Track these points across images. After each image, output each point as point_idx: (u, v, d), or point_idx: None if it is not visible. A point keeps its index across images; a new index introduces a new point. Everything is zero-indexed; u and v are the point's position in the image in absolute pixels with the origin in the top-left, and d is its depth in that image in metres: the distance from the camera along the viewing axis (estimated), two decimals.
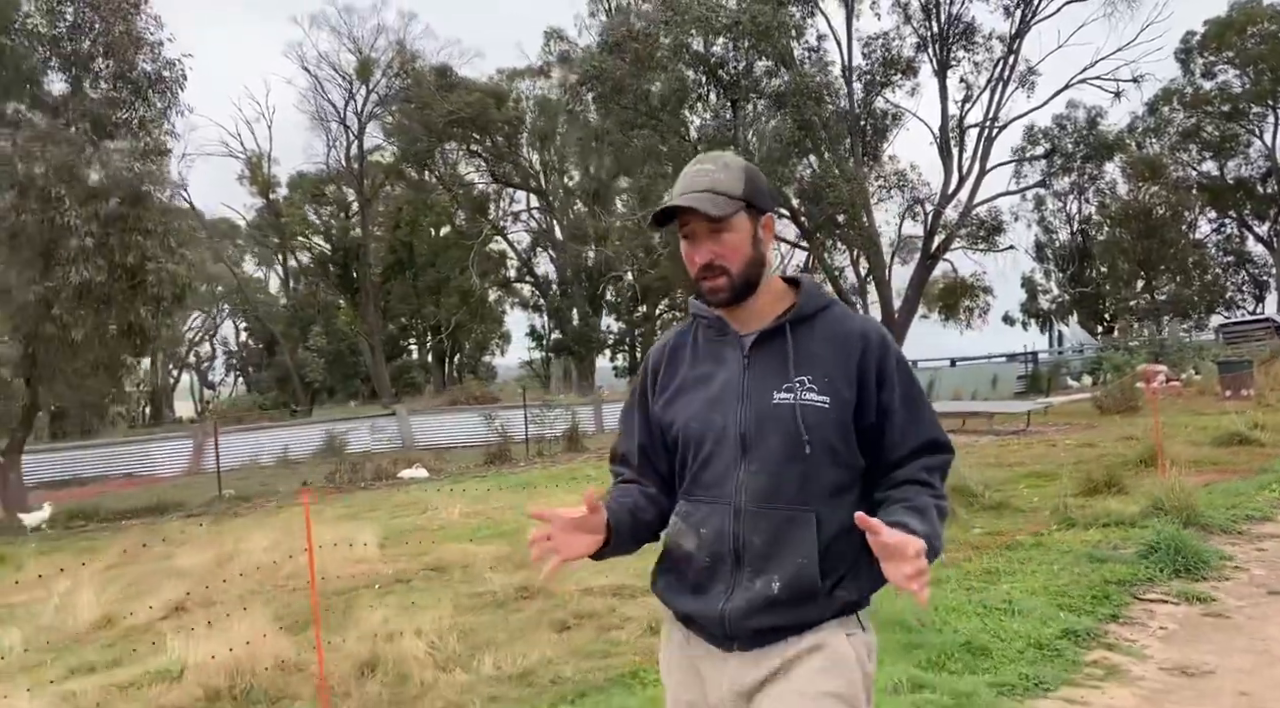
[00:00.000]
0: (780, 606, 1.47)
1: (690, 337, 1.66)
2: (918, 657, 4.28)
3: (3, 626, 5.83)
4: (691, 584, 1.55)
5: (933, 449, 1.55)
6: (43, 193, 10.48)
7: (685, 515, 1.58)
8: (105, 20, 11.48)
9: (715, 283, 1.52)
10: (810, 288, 1.61)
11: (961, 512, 7.47)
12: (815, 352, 1.53)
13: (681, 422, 1.59)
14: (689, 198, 1.48)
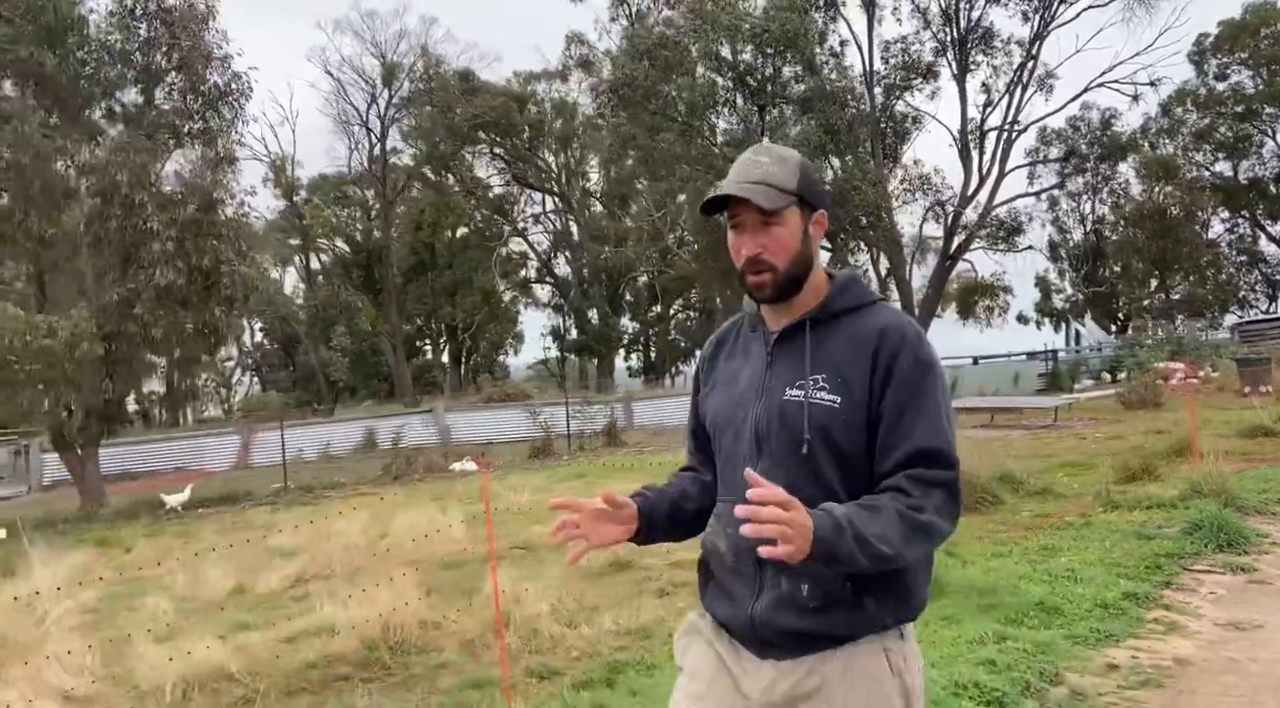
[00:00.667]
0: (810, 611, 1.43)
1: (735, 330, 1.67)
2: (996, 615, 4.81)
3: (149, 595, 6.41)
4: (724, 588, 1.54)
5: (926, 460, 1.42)
6: (126, 200, 11.10)
7: (717, 516, 1.58)
8: (176, 35, 12.09)
9: (760, 278, 1.49)
10: (843, 285, 1.56)
11: (1009, 497, 8.02)
12: (833, 350, 1.50)
13: (711, 416, 1.61)
14: (742, 188, 1.46)
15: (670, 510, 1.62)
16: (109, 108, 12.60)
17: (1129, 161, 36.24)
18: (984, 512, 7.59)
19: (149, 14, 12.36)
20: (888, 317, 1.52)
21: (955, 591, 5.30)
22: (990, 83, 25.36)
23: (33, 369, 10.44)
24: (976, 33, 25.15)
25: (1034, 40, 24.92)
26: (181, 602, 6.41)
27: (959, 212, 24.99)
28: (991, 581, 5.37)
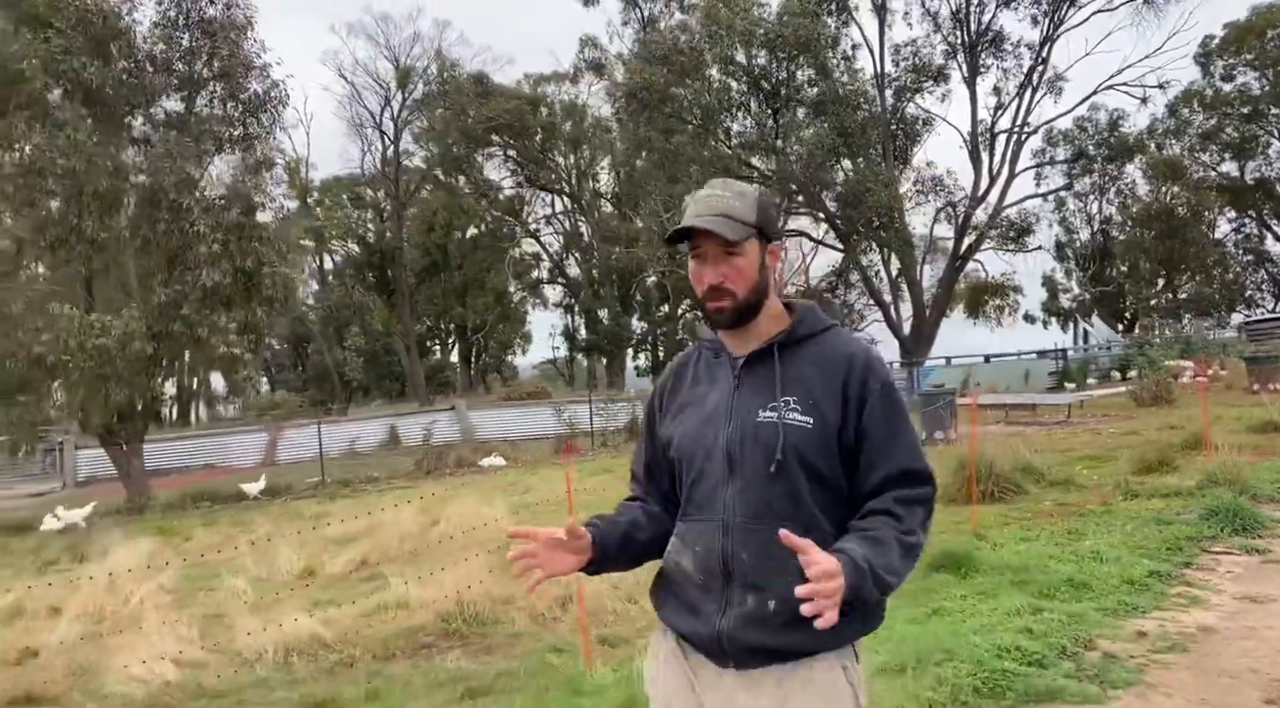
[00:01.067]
0: (774, 626, 1.47)
1: (695, 359, 1.72)
2: (1029, 590, 5.18)
3: (223, 577, 6.81)
4: (688, 604, 1.57)
5: (908, 479, 1.52)
6: (173, 205, 11.52)
7: (682, 535, 1.61)
8: (217, 45, 12.49)
9: (720, 304, 1.56)
10: (806, 313, 1.63)
11: (1031, 487, 8.38)
12: (802, 373, 1.56)
13: (677, 440, 1.64)
14: (706, 220, 1.52)
15: (621, 541, 1.64)
16: (152, 115, 13.02)
17: (1136, 162, 36.56)
18: (1008, 501, 7.97)
19: (191, 24, 12.79)
20: (852, 344, 1.60)
21: (988, 569, 5.68)
22: (1001, 85, 25.70)
23: (87, 367, 10.89)
24: (986, 36, 25.50)
25: (1043, 43, 25.26)
26: (257, 582, 6.82)
27: (969, 212, 25.33)
28: (1022, 560, 5.75)
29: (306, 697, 4.32)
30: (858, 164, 21.75)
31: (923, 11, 25.47)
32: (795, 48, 19.75)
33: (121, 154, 11.72)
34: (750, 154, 23.11)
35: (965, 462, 8.56)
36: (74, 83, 11.62)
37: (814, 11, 21.25)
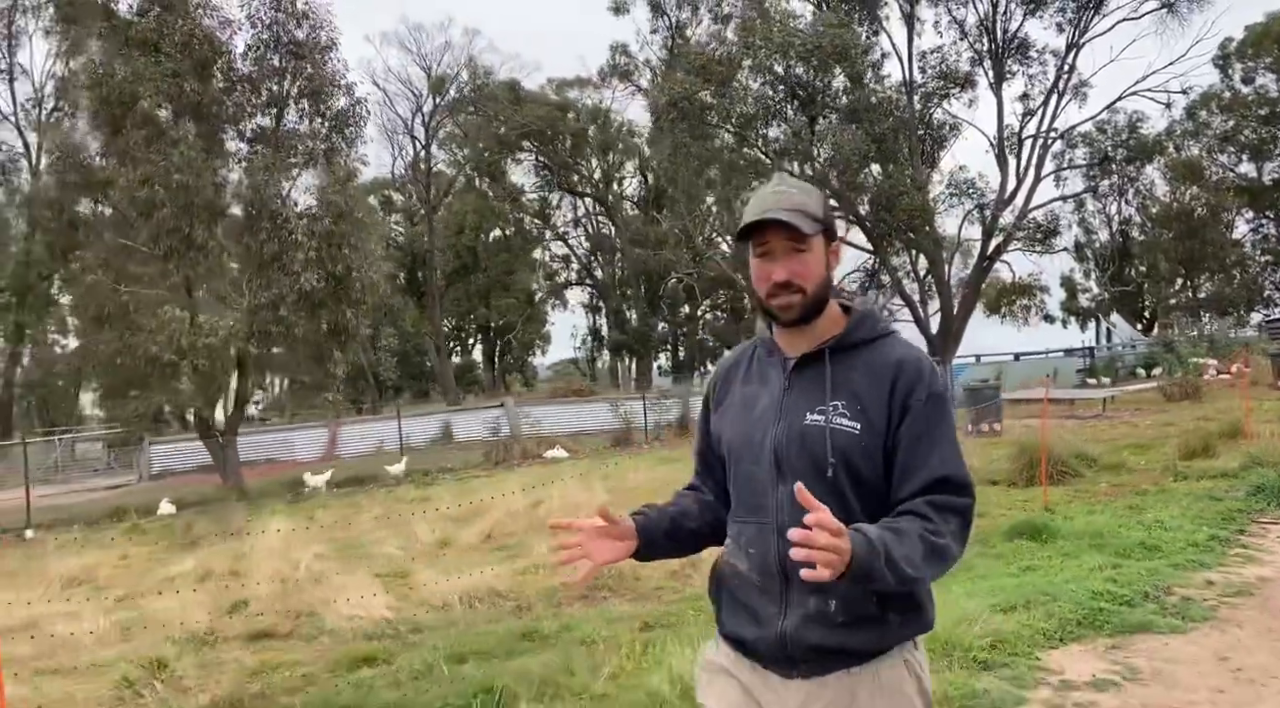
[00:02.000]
0: (839, 625, 1.47)
1: (749, 355, 1.71)
2: (1107, 551, 5.98)
3: (367, 547, 7.68)
4: (748, 608, 1.56)
5: (945, 486, 1.49)
6: (273, 214, 12.41)
7: (735, 536, 1.61)
8: (305, 66, 13.38)
9: (789, 300, 1.54)
10: (863, 317, 1.62)
11: (1086, 471, 9.16)
12: (852, 379, 1.54)
13: (727, 437, 1.64)
14: (783, 214, 1.51)
15: (670, 528, 1.65)
16: (241, 131, 13.92)
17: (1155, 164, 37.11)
18: (1067, 483, 8.74)
19: (281, 46, 13.66)
20: (903, 350, 1.58)
21: (1067, 536, 6.47)
22: (1027, 91, 26.38)
23: (199, 364, 11.78)
24: (1012, 44, 26.19)
25: (1069, 49, 25.92)
26: (403, 550, 7.68)
27: (996, 214, 26.04)
28: (1095, 528, 6.55)
29: (510, 629, 5.16)
30: (889, 169, 22.50)
31: (949, 19, 26.23)
32: (832, 58, 20.53)
33: (225, 168, 12.60)
34: (785, 159, 23.90)
35: (1023, 449, 9.37)
36: (182, 102, 12.54)
37: (845, 22, 22.02)
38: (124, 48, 12.56)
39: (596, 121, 40.42)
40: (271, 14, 13.70)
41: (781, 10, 21.22)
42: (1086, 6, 25.33)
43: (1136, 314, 42.62)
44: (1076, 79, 26.24)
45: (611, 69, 39.28)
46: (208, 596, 6.49)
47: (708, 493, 1.73)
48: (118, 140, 12.63)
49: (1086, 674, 4.10)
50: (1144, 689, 3.93)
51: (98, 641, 5.71)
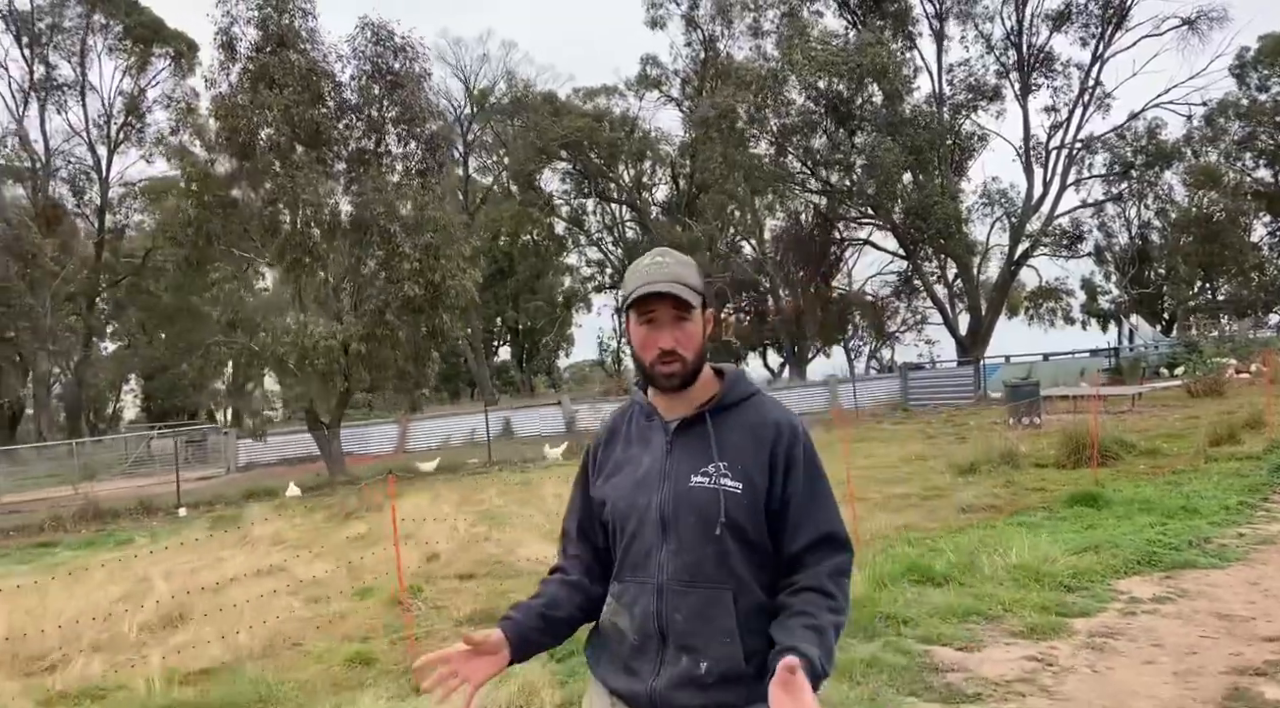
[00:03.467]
0: (707, 687, 1.51)
1: (626, 420, 1.74)
2: (1154, 513, 7.28)
3: (508, 517, 9.04)
4: (624, 663, 1.60)
5: (831, 544, 1.57)
6: (383, 230, 13.85)
7: (618, 596, 1.65)
8: (401, 94, 14.80)
9: (671, 368, 1.59)
10: (734, 379, 1.68)
11: (1125, 456, 10.43)
12: (732, 439, 1.59)
13: (611, 501, 1.66)
14: (666, 285, 1.56)
15: (540, 624, 1.67)
16: (352, 153, 15.30)
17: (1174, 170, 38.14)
18: (1110, 466, 10.02)
19: (382, 76, 15.08)
20: (777, 411, 1.65)
21: (1118, 504, 7.78)
22: (1052, 103, 27.59)
23: (319, 364, 13.23)
24: (1038, 57, 27.40)
25: (1093, 63, 27.11)
26: (549, 517, 9.04)
27: (1023, 221, 27.25)
28: (1141, 497, 7.86)
29: None
30: (922, 179, 23.78)
31: (976, 33, 27.51)
32: (871, 75, 21.84)
33: (339, 188, 14.00)
34: (821, 170, 25.22)
35: (1070, 436, 10.68)
36: (300, 129, 13.96)
37: (882, 40, 23.33)
38: (247, 81, 14.05)
39: (627, 130, 41.83)
40: (373, 48, 15.16)
41: (823, 30, 22.52)
42: (1110, 21, 26.54)
43: (1155, 316, 43.65)
44: (1100, 91, 27.42)
45: (643, 80, 40.74)
46: (407, 552, 7.86)
47: (573, 572, 1.74)
48: (247, 165, 14.14)
49: (1148, 595, 5.43)
50: (1193, 603, 5.25)
51: (334, 578, 7.10)
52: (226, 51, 14.49)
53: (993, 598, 5.44)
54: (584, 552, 1.75)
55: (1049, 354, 25.87)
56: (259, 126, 13.89)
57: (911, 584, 5.78)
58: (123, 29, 30.01)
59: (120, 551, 9.83)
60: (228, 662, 5.40)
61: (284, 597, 6.68)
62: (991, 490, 9.17)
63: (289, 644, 5.67)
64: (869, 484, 10.02)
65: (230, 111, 13.94)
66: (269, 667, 5.22)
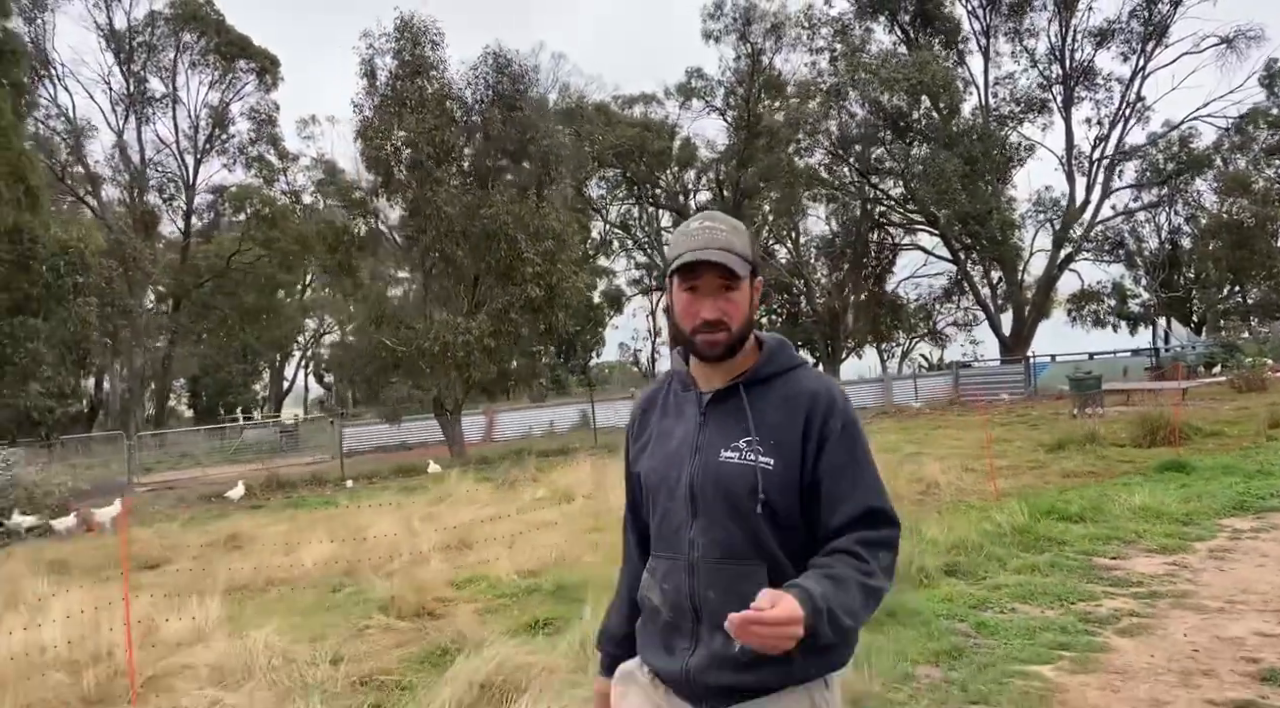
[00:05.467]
0: (743, 667, 1.47)
1: (664, 391, 1.70)
2: (1235, 475, 8.84)
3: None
4: (660, 640, 1.59)
5: (871, 520, 1.49)
6: (510, 239, 15.57)
7: (652, 570, 1.62)
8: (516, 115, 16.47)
9: (715, 337, 1.54)
10: (773, 350, 1.62)
11: (1194, 436, 11.95)
12: (767, 412, 1.54)
13: (645, 474, 1.64)
14: (715, 254, 1.50)
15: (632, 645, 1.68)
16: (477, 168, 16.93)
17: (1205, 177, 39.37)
18: (1181, 444, 11.55)
19: (501, 99, 16.76)
20: (815, 381, 1.59)
21: (1203, 469, 9.33)
22: (1092, 116, 29.04)
23: (458, 357, 14.93)
24: (1081, 72, 28.84)
25: (1133, 77, 28.52)
26: None
27: (1066, 227, 28.69)
28: (1222, 463, 9.41)
29: None
30: (974, 188, 25.30)
31: (1020, 48, 29.00)
32: (931, 90, 23.41)
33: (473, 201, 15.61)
34: (876, 177, 26.78)
35: (1145, 420, 12.21)
36: (436, 148, 15.65)
37: (938, 58, 24.89)
38: (390, 106, 15.78)
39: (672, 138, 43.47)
40: (494, 75, 16.87)
41: (882, 48, 24.10)
42: (1150, 38, 27.96)
43: (1185, 318, 44.90)
44: (1140, 105, 28.82)
45: (687, 89, 42.42)
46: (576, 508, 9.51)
47: (634, 559, 1.74)
48: (390, 180, 15.90)
49: (1247, 527, 6.99)
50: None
51: (565, 520, 8.73)
52: (369, 80, 16.24)
53: (1125, 529, 7.02)
54: (640, 531, 1.73)
55: (1093, 354, 27.30)
56: (400, 147, 15.62)
57: (1055, 521, 7.35)
58: (213, 46, 31.95)
59: (341, 508, 11.56)
60: (534, 568, 7.02)
61: (535, 532, 8.30)
62: (1086, 462, 10.73)
63: (575, 560, 7.28)
64: (973, 460, 11.57)
65: (375, 133, 15.68)
66: (571, 570, 6.82)
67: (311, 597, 6.74)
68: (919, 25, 27.55)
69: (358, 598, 6.51)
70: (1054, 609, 5.27)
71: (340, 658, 4.83)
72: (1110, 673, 4.29)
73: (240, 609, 6.37)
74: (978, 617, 5.19)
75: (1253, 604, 5.10)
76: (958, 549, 6.45)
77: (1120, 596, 5.48)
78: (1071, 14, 27.72)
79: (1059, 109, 29.11)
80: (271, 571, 7.63)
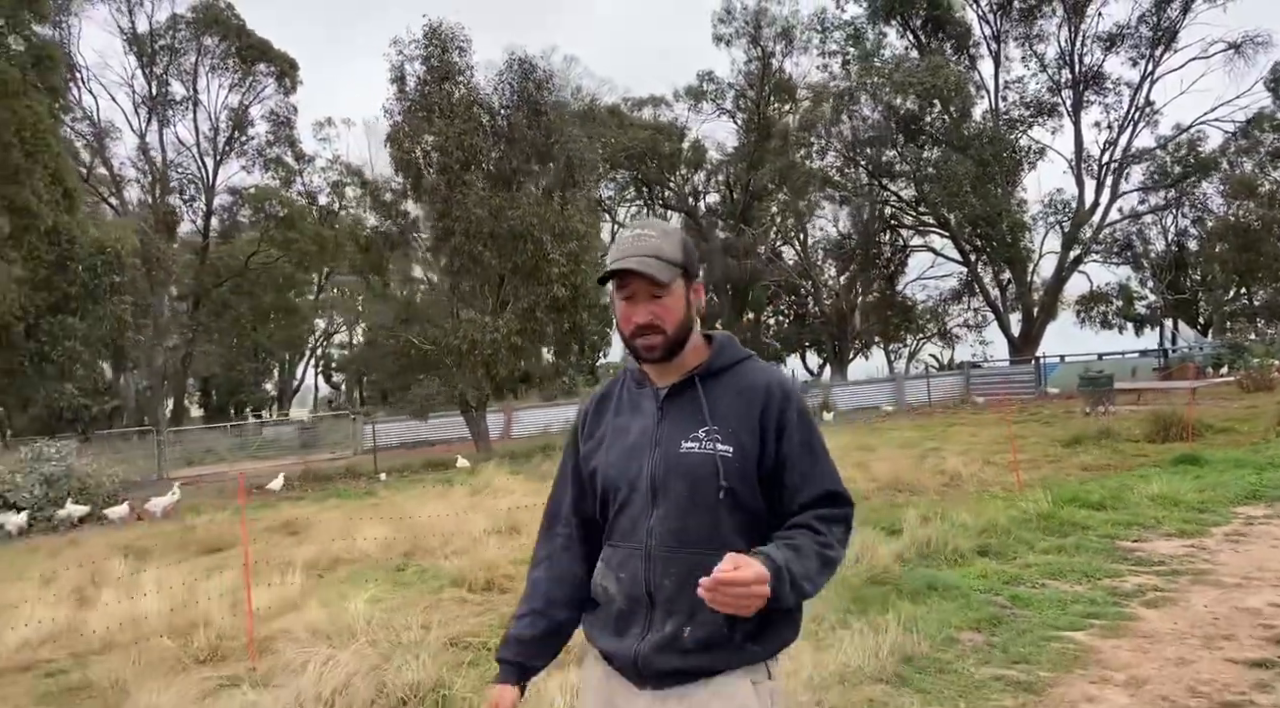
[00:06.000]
0: (689, 651, 1.54)
1: (618, 388, 1.76)
2: (1248, 468, 9.25)
3: None
4: (613, 625, 1.64)
5: (831, 501, 1.57)
6: (536, 240, 16.02)
7: (607, 560, 1.67)
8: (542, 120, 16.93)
9: (651, 341, 1.60)
10: (723, 345, 1.69)
11: (1205, 432, 12.34)
12: (723, 403, 1.60)
13: (601, 469, 1.67)
14: (637, 262, 1.56)
15: (543, 648, 1.74)
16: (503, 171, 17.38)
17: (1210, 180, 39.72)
18: (1193, 440, 11.95)
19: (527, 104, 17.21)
20: (767, 373, 1.66)
21: (1216, 462, 9.73)
22: (1101, 120, 29.43)
23: (486, 354, 15.39)
24: (1090, 76, 29.22)
25: (1141, 82, 28.89)
26: None
27: (1075, 230, 29.07)
28: (1234, 457, 9.81)
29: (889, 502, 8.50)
30: (984, 190, 25.70)
31: (1030, 53, 29.39)
32: (943, 94, 23.83)
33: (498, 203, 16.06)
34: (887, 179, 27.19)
35: (1158, 417, 12.61)
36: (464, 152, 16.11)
37: (951, 62, 25.31)
38: (419, 111, 16.24)
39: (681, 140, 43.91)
40: (521, 82, 17.35)
41: (894, 53, 24.54)
42: (1159, 43, 28.34)
43: (1191, 320, 45.25)
44: (1149, 109, 29.20)
45: (697, 92, 42.87)
46: None
47: (560, 560, 1.76)
48: (420, 183, 16.39)
49: (1260, 514, 7.40)
50: None
51: None
52: (399, 85, 16.71)
53: (1145, 515, 7.43)
54: (575, 529, 1.76)
55: (1102, 354, 27.70)
56: (429, 151, 16.08)
57: (1077, 508, 7.76)
58: (234, 50, 32.46)
59: (381, 498, 12.01)
60: None
61: None
62: (1102, 457, 11.14)
63: None
64: (991, 455, 11.98)
65: (405, 137, 16.16)
66: None
67: (381, 574, 7.17)
68: (930, 30, 27.96)
69: (425, 575, 6.94)
70: (1082, 585, 5.68)
71: (428, 624, 5.26)
72: (1139, 638, 4.71)
73: (319, 585, 6.82)
74: (1012, 591, 5.61)
75: (1269, 580, 5.51)
76: (988, 532, 6.86)
77: (1143, 573, 5.89)
78: (1081, 19, 28.12)
79: (1068, 113, 29.51)
80: (335, 553, 8.07)
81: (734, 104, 42.80)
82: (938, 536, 6.60)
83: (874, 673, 4.34)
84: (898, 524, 7.03)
